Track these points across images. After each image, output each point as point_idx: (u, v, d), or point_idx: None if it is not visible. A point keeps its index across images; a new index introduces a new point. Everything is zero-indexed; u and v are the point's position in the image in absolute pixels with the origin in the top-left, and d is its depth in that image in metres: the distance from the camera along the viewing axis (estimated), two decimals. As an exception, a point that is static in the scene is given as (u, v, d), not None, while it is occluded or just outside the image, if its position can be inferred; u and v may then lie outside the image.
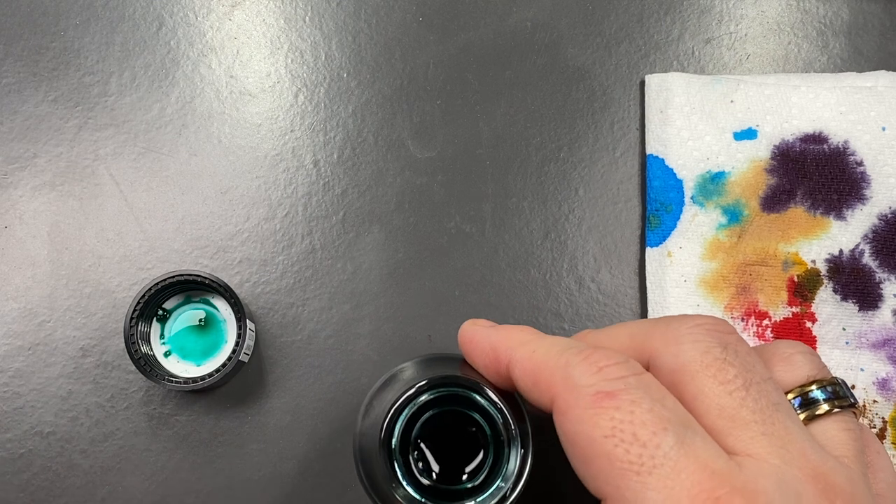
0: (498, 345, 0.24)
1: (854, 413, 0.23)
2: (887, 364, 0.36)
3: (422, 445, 0.26)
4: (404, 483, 0.25)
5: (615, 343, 0.24)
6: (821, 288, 0.36)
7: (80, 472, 0.36)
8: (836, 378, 0.23)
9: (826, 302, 0.36)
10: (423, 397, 0.25)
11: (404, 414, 0.25)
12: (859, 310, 0.36)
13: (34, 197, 0.38)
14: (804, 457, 0.20)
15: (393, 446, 0.25)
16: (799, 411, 0.23)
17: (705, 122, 0.38)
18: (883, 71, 0.39)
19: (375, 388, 0.29)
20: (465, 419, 0.26)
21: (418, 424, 0.26)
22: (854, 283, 0.36)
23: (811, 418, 0.22)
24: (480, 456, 0.26)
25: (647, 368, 0.22)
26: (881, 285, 0.36)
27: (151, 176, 0.38)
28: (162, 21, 0.40)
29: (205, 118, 0.39)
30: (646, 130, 0.39)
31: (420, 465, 0.25)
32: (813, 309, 0.36)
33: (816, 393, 0.23)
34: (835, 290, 0.36)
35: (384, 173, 0.39)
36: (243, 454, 0.36)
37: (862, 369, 0.36)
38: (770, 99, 0.38)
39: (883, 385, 0.36)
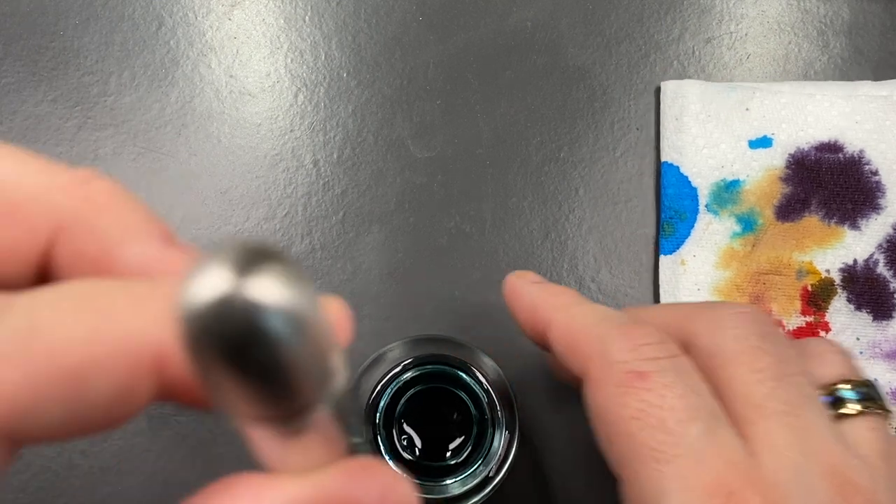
0: (539, 304, 0.24)
1: (885, 417, 0.23)
2: None
3: (404, 422, 0.26)
4: (387, 458, 0.25)
5: (656, 320, 0.23)
6: (835, 297, 0.36)
7: (80, 472, 0.36)
8: (868, 380, 0.23)
9: (840, 311, 0.36)
10: (409, 374, 0.25)
11: (390, 389, 0.25)
12: (873, 319, 0.36)
13: (34, 197, 0.38)
14: (825, 452, 0.20)
15: (377, 421, 0.25)
16: (828, 410, 0.22)
17: (720, 130, 0.37)
18: None
19: (364, 365, 0.29)
20: (451, 398, 0.26)
21: (403, 400, 0.26)
22: (868, 293, 0.36)
23: (839, 417, 0.22)
24: (464, 435, 0.26)
25: (686, 350, 0.22)
26: (895, 295, 0.36)
27: (151, 176, 0.38)
28: (161, 21, 0.40)
29: (204, 118, 0.39)
30: (661, 138, 0.38)
31: (404, 441, 0.26)
32: (827, 318, 0.36)
33: (847, 393, 0.22)
34: (849, 300, 0.36)
35: (384, 173, 0.39)
36: (243, 454, 0.36)
37: (876, 379, 0.35)
38: (785, 107, 0.37)
39: None
